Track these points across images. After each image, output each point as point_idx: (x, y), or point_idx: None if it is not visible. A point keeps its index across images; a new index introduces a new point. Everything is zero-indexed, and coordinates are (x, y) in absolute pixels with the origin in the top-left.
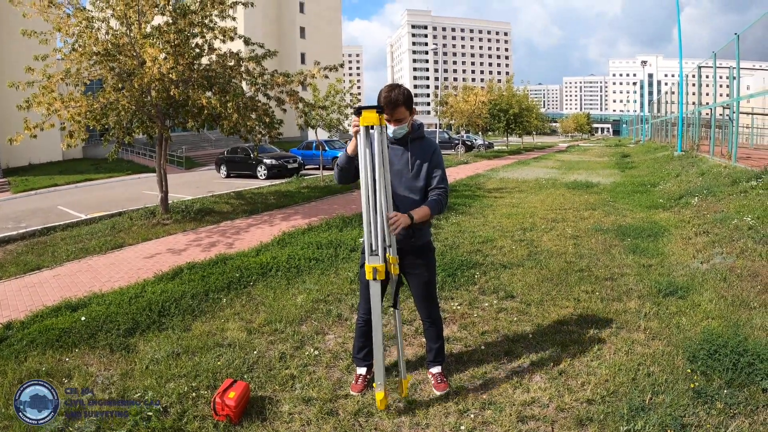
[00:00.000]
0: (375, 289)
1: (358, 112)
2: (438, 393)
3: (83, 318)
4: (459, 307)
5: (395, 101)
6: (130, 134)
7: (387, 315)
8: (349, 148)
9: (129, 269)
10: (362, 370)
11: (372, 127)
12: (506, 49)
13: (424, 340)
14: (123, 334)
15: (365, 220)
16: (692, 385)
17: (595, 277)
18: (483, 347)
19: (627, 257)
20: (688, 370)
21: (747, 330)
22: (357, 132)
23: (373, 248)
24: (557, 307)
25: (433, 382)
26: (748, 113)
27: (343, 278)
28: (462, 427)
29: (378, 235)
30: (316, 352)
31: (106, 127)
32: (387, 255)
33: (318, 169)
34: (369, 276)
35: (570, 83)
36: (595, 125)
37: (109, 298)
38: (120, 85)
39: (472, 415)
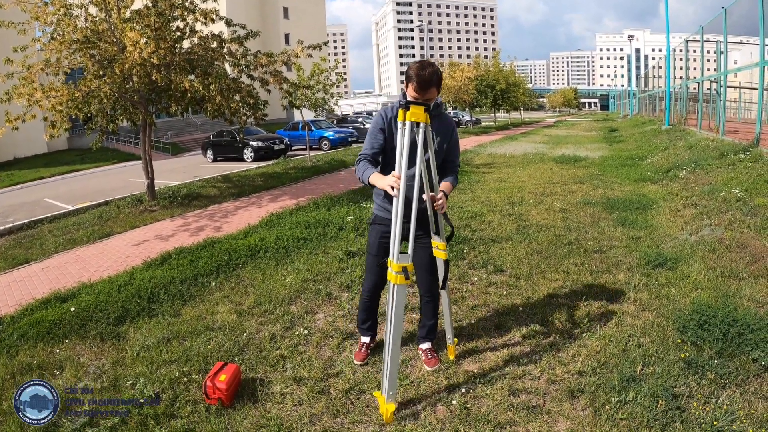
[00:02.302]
0: (401, 294)
1: (406, 106)
2: (429, 369)
3: (73, 309)
4: (449, 283)
5: (429, 81)
6: (114, 122)
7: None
8: (374, 180)
9: (117, 257)
10: (366, 339)
11: (418, 124)
12: (492, 25)
13: (414, 316)
14: (113, 322)
15: (400, 221)
16: (683, 356)
17: (584, 249)
18: (473, 322)
19: (616, 230)
20: (679, 341)
21: (736, 300)
22: (394, 190)
23: (398, 249)
24: (547, 280)
25: (423, 358)
26: (735, 87)
27: (332, 257)
28: (454, 402)
29: (411, 234)
30: (306, 332)
31: (89, 115)
32: (433, 242)
33: (305, 149)
34: (398, 280)
35: (557, 58)
36: (583, 100)
37: (98, 288)
38: (101, 72)
39: (463, 390)
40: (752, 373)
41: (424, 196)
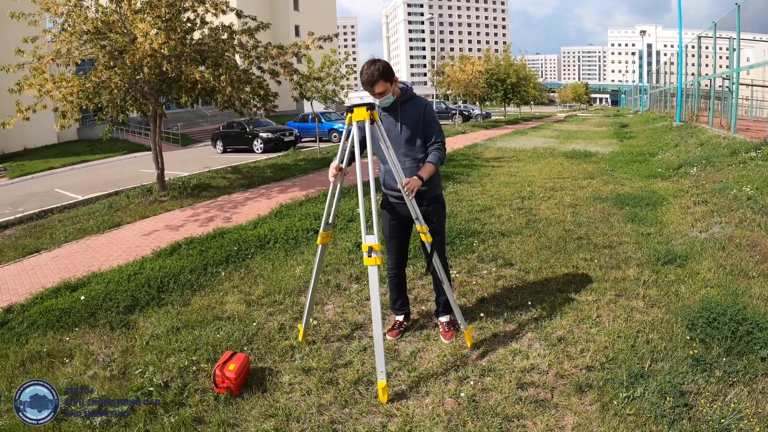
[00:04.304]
0: (373, 275)
1: (350, 109)
2: (446, 341)
3: (83, 297)
4: (458, 275)
5: (371, 80)
6: (124, 112)
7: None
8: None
9: (127, 247)
10: (400, 318)
11: (363, 122)
12: (503, 19)
13: (422, 308)
14: (123, 311)
15: (361, 204)
16: (691, 353)
17: (593, 245)
18: (482, 315)
19: (625, 225)
20: (687, 338)
21: (746, 299)
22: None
23: (367, 229)
24: (556, 275)
25: (441, 330)
26: (747, 85)
27: (342, 248)
28: (462, 394)
29: (374, 216)
30: (315, 323)
31: (99, 106)
32: (416, 226)
33: (314, 141)
34: (366, 261)
35: (568, 53)
36: (594, 95)
37: (108, 277)
38: (112, 63)
39: (471, 382)
40: (760, 372)
41: (399, 185)
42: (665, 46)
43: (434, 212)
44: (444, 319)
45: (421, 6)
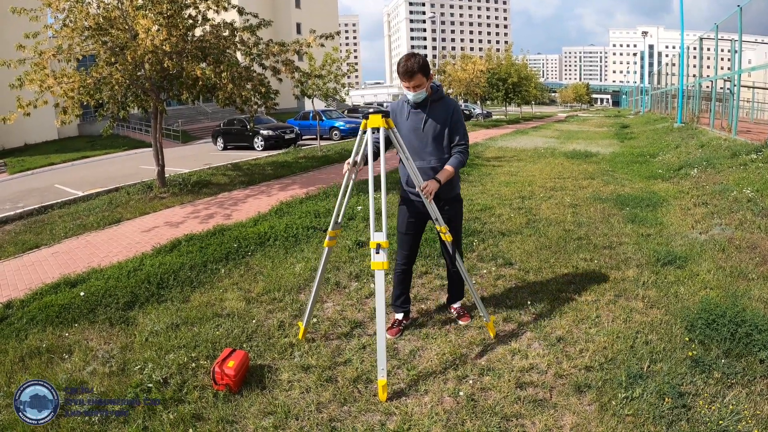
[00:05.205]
0: (379, 277)
1: (366, 116)
2: (463, 324)
3: (82, 293)
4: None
5: (411, 70)
6: (125, 109)
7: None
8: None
9: (127, 243)
10: (399, 316)
11: (377, 129)
12: (505, 18)
13: (422, 306)
14: (122, 307)
15: (372, 207)
16: (690, 354)
17: (593, 245)
18: (481, 314)
19: (626, 226)
20: (686, 339)
21: (745, 301)
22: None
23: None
24: (555, 275)
25: (457, 315)
26: (748, 87)
27: (342, 246)
28: (461, 393)
29: (383, 214)
30: (315, 320)
31: (100, 102)
32: (436, 227)
33: (315, 139)
34: (373, 252)
35: (569, 53)
36: (595, 96)
37: (108, 273)
38: (113, 59)
39: (470, 381)
40: (759, 374)
41: (417, 189)
42: (667, 47)
43: (452, 211)
44: (456, 305)
45: (423, 5)
